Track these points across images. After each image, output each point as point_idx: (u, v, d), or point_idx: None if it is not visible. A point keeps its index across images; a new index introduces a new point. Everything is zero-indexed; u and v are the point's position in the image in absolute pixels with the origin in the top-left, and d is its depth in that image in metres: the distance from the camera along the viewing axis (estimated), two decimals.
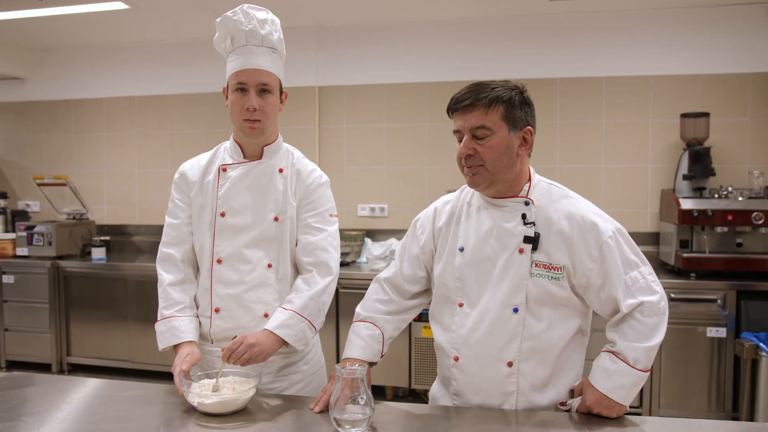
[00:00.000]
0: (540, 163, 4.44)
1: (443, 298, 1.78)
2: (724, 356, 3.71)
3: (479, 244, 1.71)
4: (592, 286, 1.64)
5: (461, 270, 1.72)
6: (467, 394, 1.73)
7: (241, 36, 1.87)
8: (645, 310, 1.60)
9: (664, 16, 4.38)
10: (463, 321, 1.71)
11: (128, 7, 4.32)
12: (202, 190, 2.01)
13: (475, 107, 1.62)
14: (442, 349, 1.77)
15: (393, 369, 4.12)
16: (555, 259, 1.64)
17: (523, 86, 1.69)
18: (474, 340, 1.69)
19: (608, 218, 1.68)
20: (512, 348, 1.65)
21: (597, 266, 1.62)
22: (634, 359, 1.59)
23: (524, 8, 4.44)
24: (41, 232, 4.93)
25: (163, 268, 2.02)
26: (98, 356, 4.81)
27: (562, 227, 1.65)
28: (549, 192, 1.73)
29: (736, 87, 4.31)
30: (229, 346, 1.75)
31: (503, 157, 1.63)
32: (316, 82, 4.95)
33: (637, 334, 1.60)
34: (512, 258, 1.66)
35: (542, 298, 1.64)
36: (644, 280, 1.63)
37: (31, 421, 1.58)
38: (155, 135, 5.40)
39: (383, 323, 1.85)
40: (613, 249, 1.62)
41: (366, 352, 1.79)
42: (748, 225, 3.76)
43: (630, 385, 1.59)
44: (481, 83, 1.65)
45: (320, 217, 2.01)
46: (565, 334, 1.67)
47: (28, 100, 5.68)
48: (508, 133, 1.63)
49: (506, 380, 1.67)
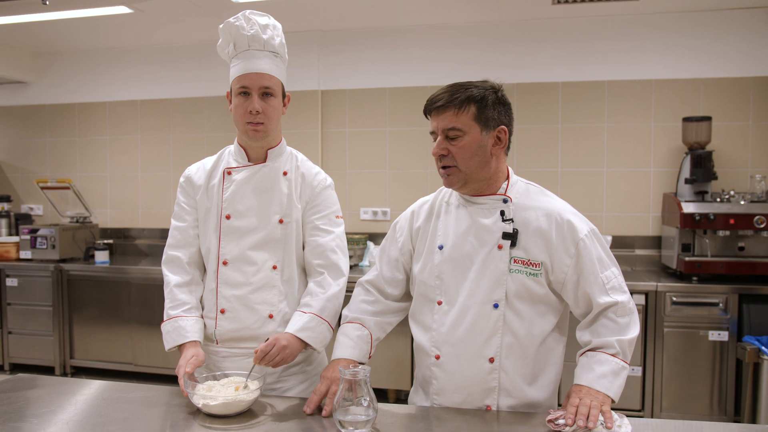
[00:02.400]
0: (541, 167, 4.52)
1: (423, 297, 1.80)
2: (726, 360, 3.71)
3: (458, 242, 1.73)
4: (569, 283, 1.67)
5: (441, 267, 1.74)
6: (449, 393, 1.73)
7: (243, 41, 1.90)
8: (619, 310, 1.66)
9: (665, 21, 4.39)
10: (443, 319, 1.73)
11: (132, 11, 4.35)
12: (207, 194, 2.03)
13: (447, 108, 1.65)
14: (423, 349, 1.78)
15: (395, 372, 4.12)
16: (533, 255, 1.67)
17: (500, 86, 1.72)
18: (455, 338, 1.70)
19: (583, 218, 1.73)
20: (493, 344, 1.67)
21: (573, 263, 1.65)
22: (610, 350, 1.63)
23: (526, 12, 4.46)
24: (45, 236, 4.95)
25: (170, 269, 2.04)
26: (101, 359, 4.82)
27: (540, 224, 1.68)
28: (527, 191, 1.77)
29: (738, 91, 4.33)
30: (262, 348, 1.77)
31: (475, 156, 1.66)
32: (318, 86, 4.97)
33: (610, 331, 1.65)
34: (491, 254, 1.69)
35: (521, 293, 1.67)
36: (616, 279, 1.69)
37: (37, 422, 1.59)
38: (158, 138, 5.42)
39: (370, 324, 1.88)
40: (588, 247, 1.66)
41: (356, 352, 1.81)
42: (750, 229, 3.77)
43: (611, 373, 1.61)
44: (455, 84, 1.68)
45: (327, 219, 2.03)
46: (543, 330, 1.70)
47: (32, 103, 5.72)
48: (480, 133, 1.66)
49: (488, 376, 1.69)
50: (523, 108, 4.64)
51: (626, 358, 1.64)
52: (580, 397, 1.58)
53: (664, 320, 3.75)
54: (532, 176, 4.42)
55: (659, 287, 3.76)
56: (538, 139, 4.62)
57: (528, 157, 4.58)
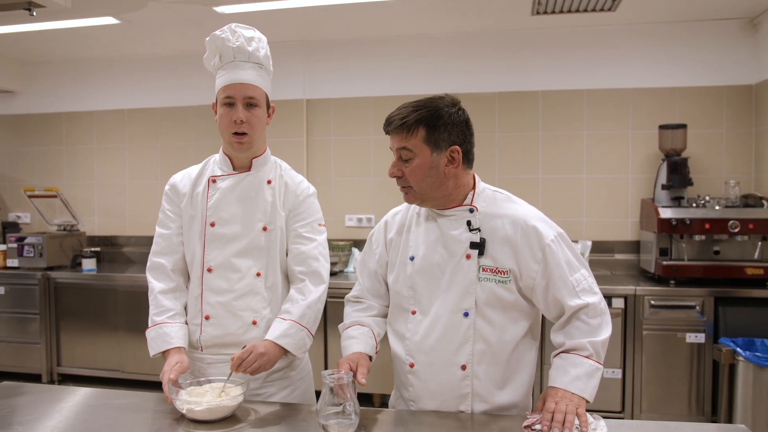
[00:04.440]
0: (523, 173, 4.60)
1: (397, 306, 1.83)
2: (703, 361, 3.79)
3: (428, 253, 1.76)
4: (538, 288, 1.69)
5: (413, 279, 1.77)
6: (424, 399, 1.76)
7: (228, 53, 1.94)
8: (590, 312, 1.67)
9: (642, 31, 4.48)
10: (416, 328, 1.75)
11: (119, 22, 4.39)
12: (192, 201, 2.06)
13: (399, 131, 1.67)
14: (398, 357, 1.81)
15: (380, 377, 4.17)
16: (501, 263, 1.69)
17: (456, 102, 1.71)
18: (427, 346, 1.73)
19: (551, 223, 1.74)
20: (465, 351, 1.70)
21: (541, 268, 1.67)
22: (584, 351, 1.65)
23: (506, 23, 4.53)
24: (32, 244, 4.96)
25: (154, 276, 2.06)
26: (88, 366, 4.82)
27: (506, 232, 1.70)
28: (494, 199, 1.78)
29: (713, 99, 4.42)
30: (239, 355, 1.79)
31: (428, 178, 1.68)
32: (303, 95, 5.02)
33: (582, 332, 1.66)
34: (460, 264, 1.71)
35: (491, 301, 1.69)
36: (586, 281, 1.69)
37: (22, 430, 1.60)
38: (146, 147, 5.45)
39: (368, 322, 1.90)
40: (555, 252, 1.67)
41: (363, 346, 1.81)
42: (725, 233, 3.85)
43: (585, 375, 1.63)
44: (407, 106, 1.69)
45: (310, 227, 2.07)
46: (515, 335, 1.72)
47: (20, 113, 5.72)
48: (431, 155, 1.66)
49: (461, 383, 1.71)
50: (504, 116, 4.72)
51: (600, 359, 1.66)
52: (555, 401, 1.59)
53: (643, 323, 3.81)
54: (514, 183, 4.55)
55: (638, 291, 3.83)
56: (520, 147, 4.69)
57: (510, 164, 4.65)
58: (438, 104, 1.68)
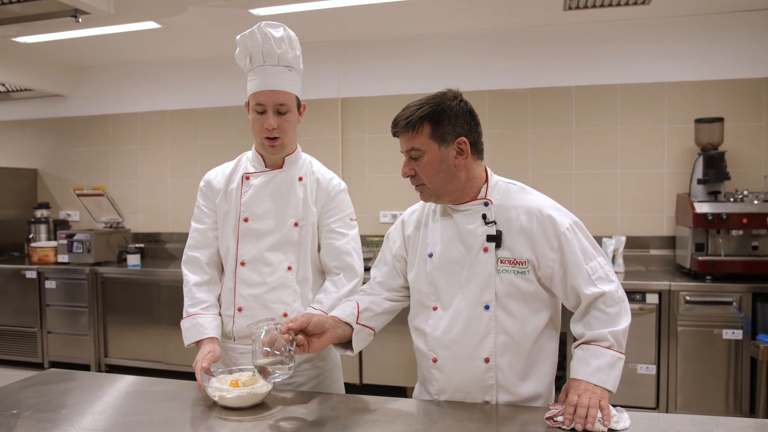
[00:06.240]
0: (556, 169, 4.60)
1: (418, 303, 1.85)
2: (740, 358, 3.73)
3: (446, 249, 1.77)
4: (557, 276, 1.69)
5: (432, 275, 1.79)
6: (449, 392, 1.78)
7: (258, 56, 1.97)
8: (608, 300, 1.66)
9: (675, 24, 4.42)
10: (437, 323, 1.77)
11: (160, 26, 4.55)
12: (226, 197, 2.13)
13: (405, 131, 1.70)
14: (421, 352, 1.83)
15: (412, 370, 4.23)
16: (518, 254, 1.70)
17: (455, 96, 1.72)
18: (449, 341, 1.74)
19: (566, 212, 1.74)
20: (487, 344, 1.71)
21: (558, 257, 1.67)
22: (604, 342, 1.64)
23: (538, 19, 4.52)
24: (81, 240, 5.17)
25: (189, 269, 2.14)
26: (134, 357, 5.01)
27: (522, 223, 1.70)
28: (507, 190, 1.78)
29: (750, 92, 4.33)
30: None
31: (439, 172, 1.70)
32: (338, 94, 5.11)
33: (602, 322, 1.65)
34: (478, 257, 1.72)
35: (511, 293, 1.70)
36: (602, 269, 1.69)
37: (66, 413, 1.69)
38: (186, 147, 5.62)
39: (358, 297, 1.93)
40: (571, 240, 1.67)
41: (339, 312, 1.85)
42: (763, 228, 3.78)
43: (606, 365, 1.62)
44: (410, 105, 1.71)
45: (342, 222, 2.13)
46: (536, 326, 1.73)
47: (69, 115, 5.97)
48: (439, 149, 1.69)
49: (484, 375, 1.72)
50: (537, 112, 4.71)
51: (621, 349, 1.65)
52: (578, 394, 1.58)
53: (677, 319, 3.77)
54: (547, 179, 4.54)
55: (673, 286, 3.79)
56: (553, 143, 4.67)
57: (543, 161, 4.64)
58: (439, 99, 1.70)
